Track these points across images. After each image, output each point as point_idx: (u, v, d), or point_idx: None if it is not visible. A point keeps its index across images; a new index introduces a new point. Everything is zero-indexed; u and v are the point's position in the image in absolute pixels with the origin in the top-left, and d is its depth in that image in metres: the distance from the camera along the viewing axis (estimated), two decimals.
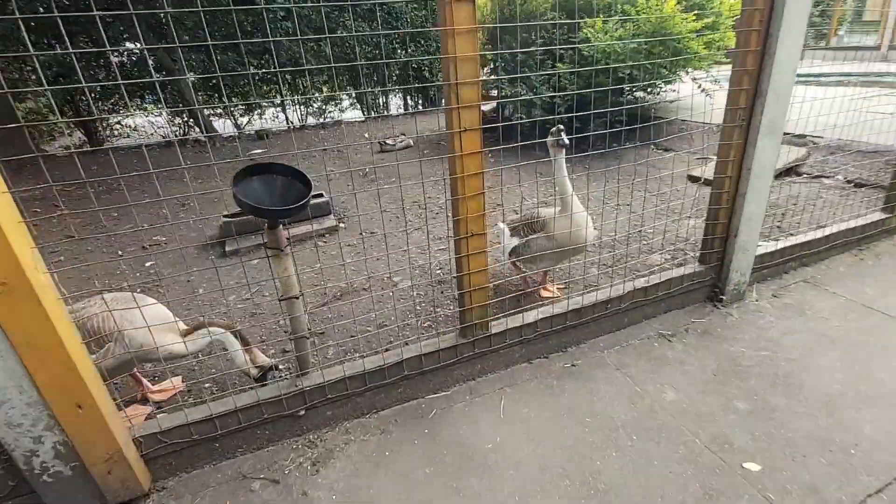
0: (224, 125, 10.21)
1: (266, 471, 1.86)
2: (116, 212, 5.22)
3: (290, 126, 10.15)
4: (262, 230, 1.78)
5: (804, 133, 5.55)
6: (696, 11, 5.06)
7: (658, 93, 6.43)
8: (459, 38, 1.72)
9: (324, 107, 10.81)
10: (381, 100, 11.29)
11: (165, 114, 9.94)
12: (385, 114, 11.06)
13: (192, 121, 9.35)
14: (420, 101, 11.72)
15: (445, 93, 1.84)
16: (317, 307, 3.05)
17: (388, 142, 7.17)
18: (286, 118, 10.32)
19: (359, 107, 11.12)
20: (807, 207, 3.77)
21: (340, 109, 11.06)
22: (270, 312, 3.02)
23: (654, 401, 2.10)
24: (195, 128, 9.29)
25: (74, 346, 1.51)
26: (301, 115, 10.57)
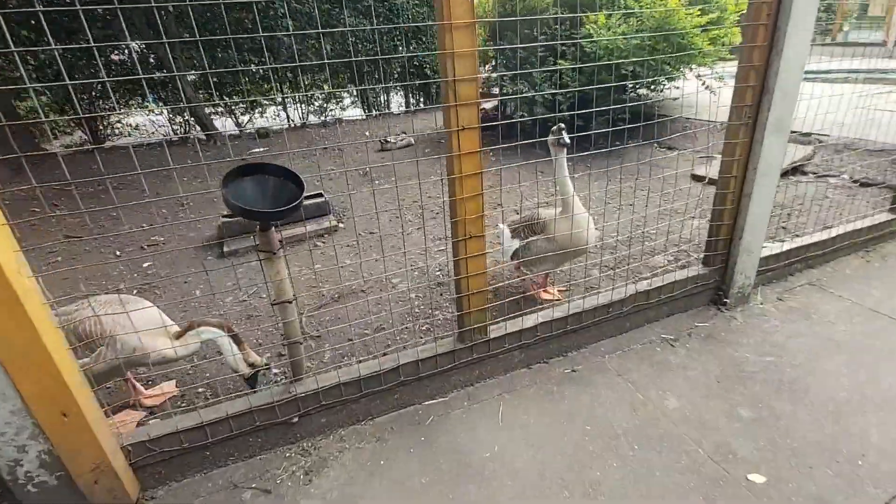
0: (225, 124, 10.16)
1: (258, 480, 1.82)
2: (115, 211, 5.19)
3: (291, 124, 10.10)
4: (254, 232, 1.73)
5: (810, 131, 5.47)
6: (701, 6, 4.99)
7: (661, 90, 6.36)
8: (457, 33, 1.67)
9: (325, 105, 10.74)
10: (382, 98, 11.21)
11: (166, 112, 9.91)
12: (386, 111, 10.99)
13: (193, 119, 9.30)
14: (421, 99, 11.65)
15: (443, 90, 1.78)
16: (314, 310, 3.01)
17: (389, 140, 7.12)
18: (287, 116, 10.26)
19: (360, 105, 11.06)
20: (812, 208, 3.70)
21: (342, 108, 10.99)
22: (267, 315, 2.98)
23: (656, 407, 2.05)
24: (196, 126, 9.25)
25: (60, 353, 1.47)
26: (302, 114, 10.51)
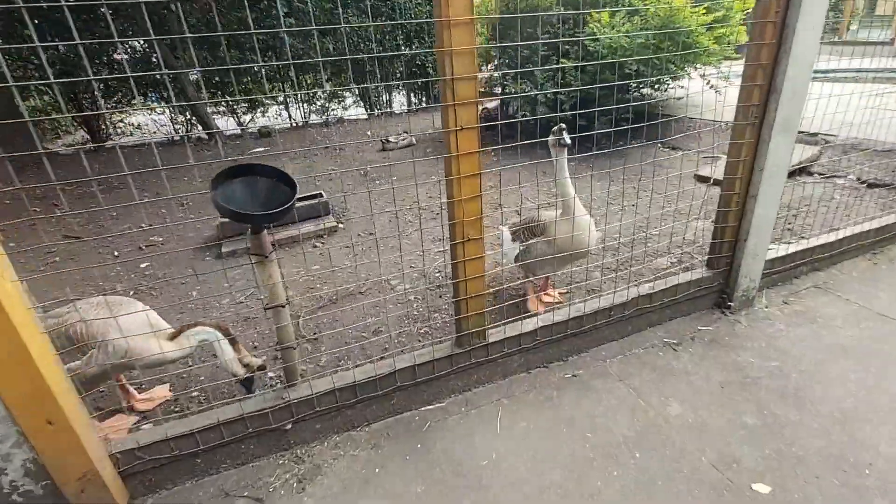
0: (227, 123, 10.15)
1: (250, 488, 1.78)
2: (115, 211, 5.18)
3: (293, 124, 10.08)
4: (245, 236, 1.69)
5: (817, 131, 5.40)
6: (707, 4, 4.92)
7: (665, 89, 6.29)
8: (455, 30, 1.62)
9: (326, 105, 10.71)
10: (385, 97, 11.17)
11: (169, 112, 9.91)
12: (388, 110, 10.95)
13: (195, 118, 9.30)
14: (423, 99, 11.60)
15: (441, 89, 1.74)
16: (312, 312, 2.97)
17: (391, 140, 7.07)
18: (289, 116, 10.24)
19: (362, 104, 11.02)
20: (819, 209, 3.64)
21: (343, 107, 10.96)
22: (264, 317, 2.94)
23: (659, 414, 2.00)
24: (198, 126, 9.24)
25: (45, 359, 1.43)
26: (304, 113, 10.48)
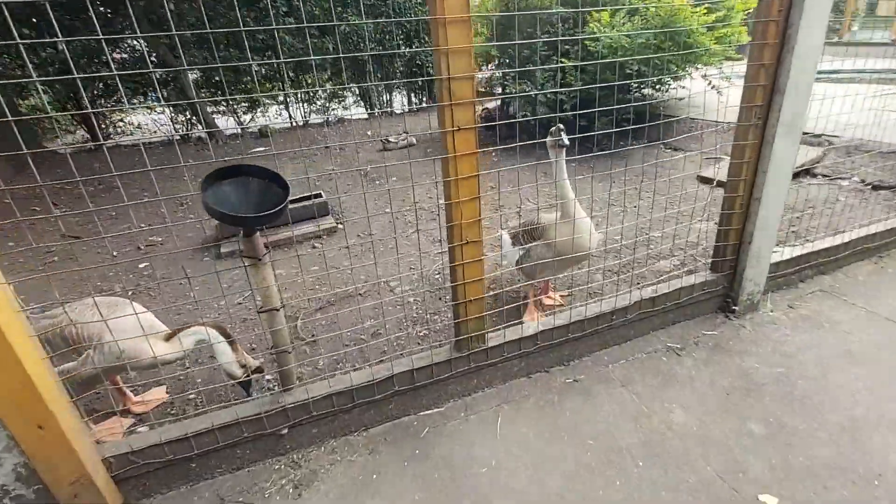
0: (227, 122, 10.12)
1: (245, 493, 1.74)
2: (115, 211, 5.14)
3: (293, 124, 10.05)
4: (238, 238, 1.66)
5: (820, 133, 5.36)
6: (708, 4, 4.88)
7: (667, 90, 6.25)
8: (451, 28, 1.58)
9: (327, 104, 10.68)
10: (385, 97, 11.13)
11: (168, 111, 9.88)
12: (388, 109, 10.91)
13: (195, 118, 9.27)
14: (424, 99, 11.56)
15: (437, 88, 1.70)
16: (310, 314, 2.94)
17: (391, 140, 7.04)
18: (289, 115, 10.21)
19: (362, 104, 10.98)
20: (823, 211, 3.60)
21: (344, 107, 10.92)
22: (261, 319, 2.91)
23: (662, 421, 1.96)
24: (197, 125, 9.21)
25: (35, 363, 1.40)
26: (304, 113, 10.45)
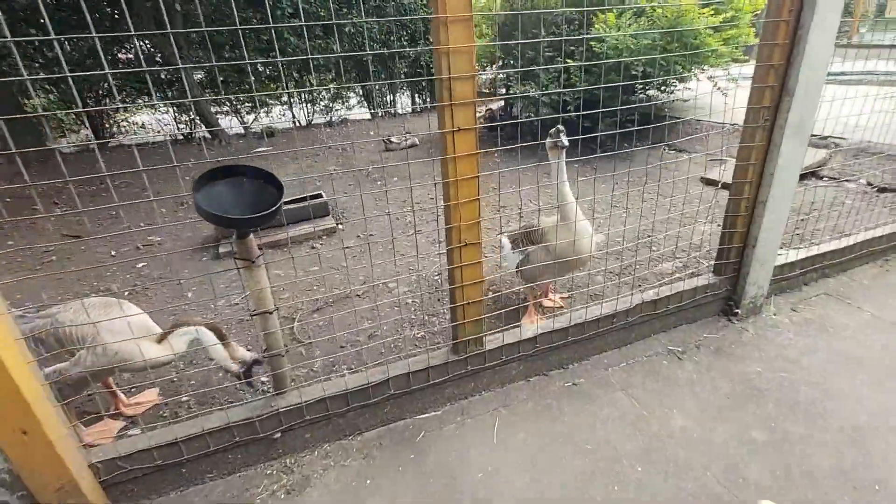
0: (231, 123, 10.12)
1: (236, 499, 1.71)
2: (114, 210, 5.14)
3: (297, 124, 10.04)
4: (231, 240, 1.63)
5: (826, 135, 5.30)
6: (715, 5, 4.83)
7: (672, 91, 6.20)
8: (453, 27, 1.55)
9: (330, 105, 10.67)
10: (389, 97, 11.11)
11: (172, 111, 9.88)
12: (391, 109, 10.89)
13: (199, 118, 9.27)
14: (427, 99, 11.53)
15: (437, 88, 1.67)
16: (308, 315, 2.91)
17: (393, 140, 7.00)
18: (292, 116, 10.20)
19: (366, 105, 10.96)
20: (829, 214, 3.54)
21: (347, 108, 10.90)
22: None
23: (662, 427, 1.92)
24: (201, 125, 9.21)
25: (19, 367, 1.37)
26: (307, 113, 10.44)
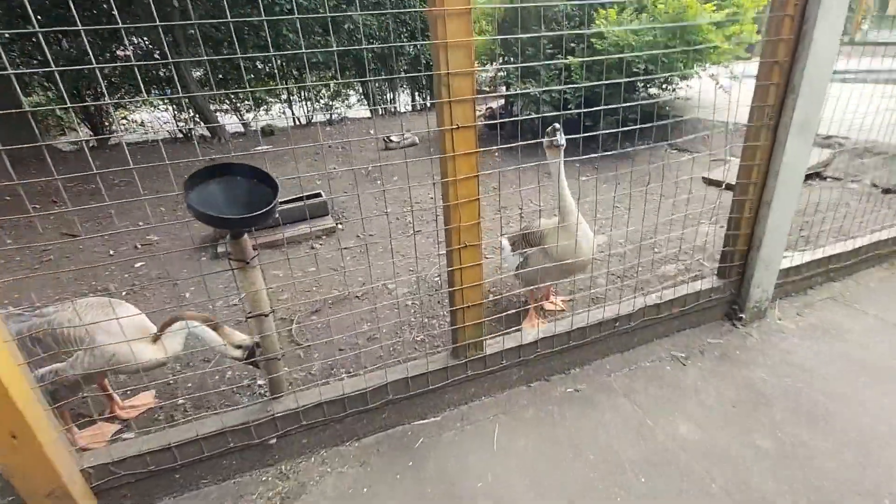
0: (230, 120, 10.08)
1: None
2: (113, 209, 5.10)
3: (297, 122, 10.00)
4: (225, 240, 1.59)
5: (830, 134, 5.25)
6: (717, 1, 4.78)
7: (674, 89, 6.14)
8: (451, 21, 1.50)
9: (330, 103, 10.62)
10: (388, 95, 11.05)
11: (172, 109, 9.85)
12: (391, 107, 10.83)
13: (199, 116, 9.24)
14: (427, 97, 11.47)
15: (435, 85, 1.62)
16: (306, 316, 2.88)
17: (393, 139, 6.96)
18: (292, 114, 10.16)
19: (366, 103, 10.91)
20: (835, 215, 3.50)
21: (347, 106, 10.85)
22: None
23: (666, 434, 1.88)
24: (201, 123, 9.18)
25: (9, 370, 1.34)
26: (307, 112, 10.39)
